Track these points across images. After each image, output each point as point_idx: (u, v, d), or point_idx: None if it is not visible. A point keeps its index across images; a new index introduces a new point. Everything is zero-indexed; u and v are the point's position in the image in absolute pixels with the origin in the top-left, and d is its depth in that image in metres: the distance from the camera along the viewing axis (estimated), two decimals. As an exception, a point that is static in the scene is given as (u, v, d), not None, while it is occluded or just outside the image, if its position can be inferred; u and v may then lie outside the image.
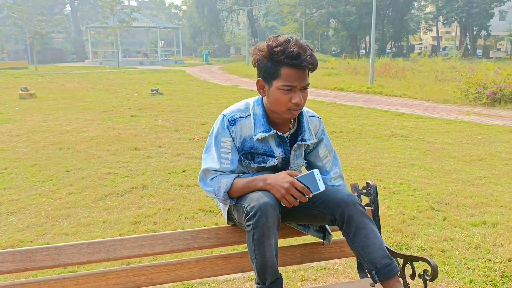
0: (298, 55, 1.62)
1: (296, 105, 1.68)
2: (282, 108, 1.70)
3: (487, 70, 13.01)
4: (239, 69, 26.14)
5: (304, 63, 1.63)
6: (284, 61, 1.63)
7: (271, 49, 1.65)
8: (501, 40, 54.55)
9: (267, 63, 1.68)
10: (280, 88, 1.67)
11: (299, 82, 1.66)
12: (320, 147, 1.95)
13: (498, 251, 3.07)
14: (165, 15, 75.60)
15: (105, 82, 18.83)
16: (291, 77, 1.65)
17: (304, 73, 1.66)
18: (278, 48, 1.64)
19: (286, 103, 1.68)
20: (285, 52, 1.62)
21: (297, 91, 1.67)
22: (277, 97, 1.69)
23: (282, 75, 1.66)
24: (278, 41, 1.66)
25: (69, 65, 38.02)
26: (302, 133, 1.84)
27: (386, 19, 48.49)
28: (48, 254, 1.68)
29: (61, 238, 3.34)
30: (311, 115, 1.92)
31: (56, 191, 4.48)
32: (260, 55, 1.69)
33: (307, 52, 1.64)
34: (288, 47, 1.63)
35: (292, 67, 1.64)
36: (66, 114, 9.75)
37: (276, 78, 1.68)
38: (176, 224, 3.62)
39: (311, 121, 1.90)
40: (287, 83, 1.66)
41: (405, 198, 4.23)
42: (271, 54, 1.65)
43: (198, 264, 1.85)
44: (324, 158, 1.96)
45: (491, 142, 6.88)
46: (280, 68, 1.65)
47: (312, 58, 1.65)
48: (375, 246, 1.68)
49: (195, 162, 5.52)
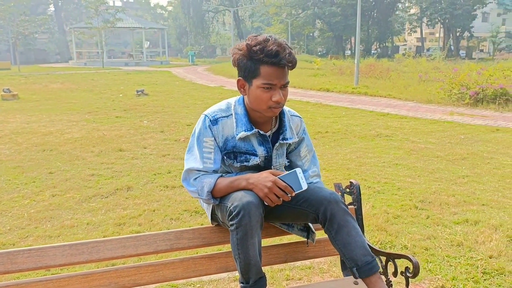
0: (277, 53, 1.64)
1: (277, 103, 1.69)
2: (263, 107, 1.71)
3: (470, 70, 13.19)
4: (225, 69, 26.10)
5: (283, 61, 1.64)
6: (263, 59, 1.65)
7: (250, 48, 1.67)
8: (484, 41, 55.42)
9: (247, 62, 1.69)
10: (260, 86, 1.68)
11: (279, 80, 1.68)
12: (302, 146, 1.97)
13: (479, 249, 3.12)
14: (150, 16, 75.14)
15: (89, 83, 18.65)
16: (270, 75, 1.67)
17: (283, 71, 1.68)
18: (257, 47, 1.65)
19: (267, 101, 1.70)
20: (264, 51, 1.64)
21: (277, 89, 1.69)
22: (258, 96, 1.70)
23: (262, 74, 1.67)
24: (257, 40, 1.67)
25: (53, 65, 37.53)
26: (283, 132, 1.86)
27: (371, 20, 48.96)
28: (30, 256, 1.66)
29: (44, 241, 3.30)
30: (292, 115, 1.93)
31: (39, 193, 4.43)
32: (240, 54, 1.70)
33: (286, 50, 1.66)
34: (267, 45, 1.64)
35: (272, 65, 1.65)
36: (50, 115, 9.63)
37: (256, 77, 1.69)
38: (161, 225, 3.61)
39: (292, 121, 1.92)
40: (267, 81, 1.67)
41: (389, 197, 4.27)
42: (250, 53, 1.67)
43: (182, 265, 1.84)
44: (304, 157, 1.98)
45: (473, 141, 6.99)
46: (259, 66, 1.67)
47: (290, 56, 1.66)
48: (357, 243, 1.69)
49: (180, 163, 5.50)
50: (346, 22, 44.72)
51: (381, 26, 49.02)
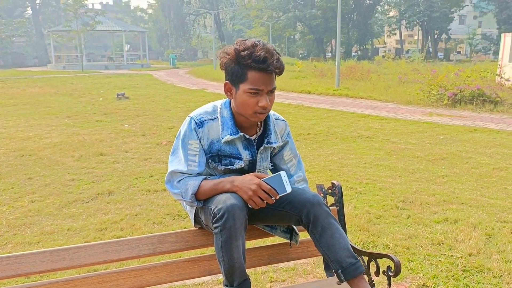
0: (265, 59, 1.64)
1: (263, 108, 1.70)
2: (249, 112, 1.72)
3: (448, 72, 13.46)
4: (207, 72, 26.05)
5: (270, 67, 1.65)
6: (251, 65, 1.65)
7: (238, 53, 1.67)
8: (461, 43, 56.57)
9: (234, 66, 1.70)
10: (247, 91, 1.69)
11: (266, 85, 1.68)
12: (285, 150, 1.98)
13: (459, 247, 3.17)
14: (130, 19, 74.50)
15: (68, 86, 18.38)
16: (258, 80, 1.67)
17: (270, 77, 1.69)
18: (245, 52, 1.66)
19: (253, 106, 1.70)
20: (252, 56, 1.64)
21: (263, 95, 1.69)
22: (244, 100, 1.71)
23: (249, 79, 1.68)
24: (245, 45, 1.68)
25: (30, 69, 36.90)
26: (268, 136, 1.87)
27: (351, 23, 49.49)
28: (8, 263, 1.63)
29: (23, 247, 3.24)
30: (277, 119, 1.95)
31: (18, 199, 4.34)
32: (228, 58, 1.71)
33: (274, 56, 1.67)
34: (255, 51, 1.65)
35: (259, 70, 1.66)
36: (28, 120, 9.46)
37: (243, 82, 1.69)
38: (143, 230, 3.58)
39: (277, 124, 1.93)
40: (254, 86, 1.67)
41: (371, 198, 4.32)
42: (238, 58, 1.67)
43: (165, 269, 1.83)
44: (288, 162, 1.99)
45: (452, 141, 7.11)
46: (247, 71, 1.67)
47: (278, 63, 1.67)
48: (341, 245, 1.71)
49: (162, 167, 5.46)
50: (326, 24, 45.10)
51: (361, 28, 49.61)
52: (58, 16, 55.06)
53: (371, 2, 49.73)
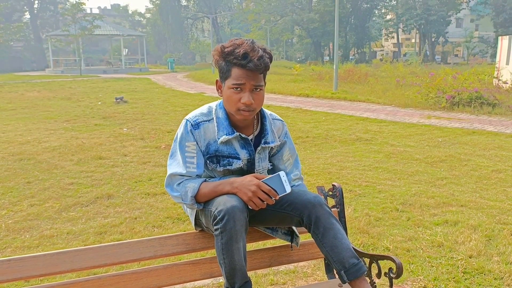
0: (245, 56, 1.66)
1: (246, 105, 1.70)
2: (233, 108, 1.74)
3: (445, 75, 13.50)
4: (205, 76, 26.05)
5: (250, 64, 1.66)
6: (233, 61, 1.69)
7: (223, 49, 1.71)
8: (458, 46, 56.73)
9: (221, 62, 1.73)
10: (231, 87, 1.71)
11: (248, 80, 1.69)
12: (284, 150, 1.99)
13: (459, 249, 3.17)
14: (128, 23, 74.53)
15: (67, 90, 18.36)
16: (239, 76, 1.69)
17: (253, 74, 1.69)
18: (229, 48, 1.69)
19: (236, 102, 1.72)
20: (234, 53, 1.68)
21: (246, 91, 1.71)
22: (228, 96, 1.73)
23: (232, 75, 1.70)
24: (231, 43, 1.71)
25: (29, 74, 36.82)
26: (265, 135, 1.87)
27: (349, 27, 49.57)
28: (9, 266, 1.62)
29: (23, 251, 3.23)
30: (274, 118, 1.95)
31: (16, 203, 4.33)
32: (216, 55, 1.75)
33: (256, 53, 1.67)
34: (238, 47, 1.68)
35: (241, 67, 1.68)
36: (27, 124, 9.45)
37: (228, 78, 1.72)
38: (143, 233, 3.57)
39: (274, 124, 1.93)
40: (235, 81, 1.70)
41: (370, 200, 4.32)
42: (223, 54, 1.71)
43: (166, 272, 1.83)
44: (286, 161, 2.00)
45: (451, 144, 7.12)
46: (231, 68, 1.70)
47: (260, 60, 1.67)
48: (343, 246, 1.71)
49: (161, 170, 5.45)
50: (324, 28, 45.17)
51: (358, 32, 49.70)
52: (56, 20, 55.03)
53: (368, 6, 49.84)
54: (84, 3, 35.47)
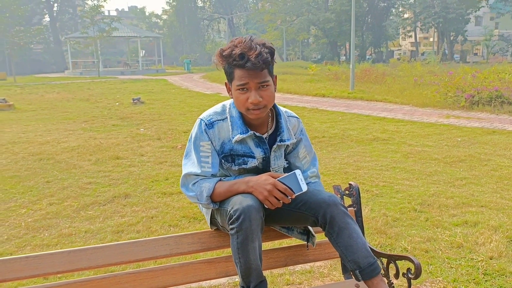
0: (242, 56, 1.64)
1: (254, 104, 1.68)
2: (242, 109, 1.72)
3: (464, 74, 13.28)
4: (221, 77, 26.07)
5: (248, 63, 1.64)
6: (233, 62, 1.67)
7: (222, 53, 1.70)
8: (477, 45, 55.81)
9: (224, 65, 1.72)
10: (237, 88, 1.70)
11: (251, 79, 1.67)
12: (300, 147, 1.96)
13: (480, 250, 3.11)
14: (145, 25, 75.21)
15: (85, 92, 18.62)
16: (242, 76, 1.67)
17: (254, 72, 1.67)
18: (227, 51, 1.68)
19: (244, 102, 1.70)
20: (231, 55, 1.66)
21: (252, 90, 1.68)
22: (236, 97, 1.73)
23: (235, 76, 1.69)
24: (230, 44, 1.69)
25: (48, 75, 37.48)
26: (281, 133, 1.85)
27: (365, 26, 49.20)
28: (27, 263, 1.64)
29: (41, 249, 3.27)
30: (289, 115, 1.92)
31: (36, 202, 4.40)
32: (218, 59, 1.73)
33: (253, 51, 1.64)
34: (234, 48, 1.66)
35: (240, 67, 1.66)
36: (46, 125, 9.60)
37: (233, 79, 1.72)
38: (159, 232, 3.58)
39: (289, 121, 1.91)
40: (240, 82, 1.68)
41: (387, 200, 4.26)
42: (223, 58, 1.70)
43: (182, 270, 1.83)
44: (303, 159, 1.97)
45: (470, 144, 7.00)
46: (233, 69, 1.69)
47: (257, 58, 1.63)
48: (358, 245, 1.68)
49: (178, 170, 5.48)
50: (340, 28, 44.90)
51: (375, 31, 49.28)
52: (75, 23, 55.85)
53: (385, 5, 49.41)
54: (102, 5, 35.97)
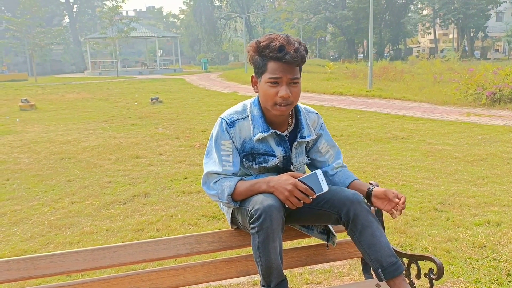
0: (282, 48, 1.65)
1: (283, 98, 1.69)
2: (270, 102, 1.72)
3: (485, 71, 13.02)
4: (238, 76, 26.20)
5: (287, 56, 1.65)
6: (269, 54, 1.67)
7: (258, 44, 1.70)
8: (499, 41, 54.69)
9: (257, 58, 1.72)
10: (268, 81, 1.70)
11: (285, 74, 1.68)
12: (320, 142, 1.96)
13: (502, 250, 3.06)
14: (163, 24, 75.85)
15: (104, 92, 18.88)
16: (276, 69, 1.68)
17: (290, 67, 1.68)
18: (264, 42, 1.69)
19: (273, 96, 1.70)
20: (269, 46, 1.67)
21: (283, 85, 1.69)
22: (265, 91, 1.72)
23: (269, 69, 1.69)
24: (267, 37, 1.71)
25: (68, 76, 38.11)
26: (301, 130, 1.85)
27: (383, 23, 48.65)
28: (52, 261, 1.68)
29: (64, 247, 3.34)
30: (309, 112, 1.93)
31: (58, 201, 4.48)
32: (251, 51, 1.74)
33: (292, 46, 1.66)
34: (273, 41, 1.67)
35: (277, 60, 1.67)
36: (67, 125, 9.77)
37: (264, 72, 1.71)
38: (179, 231, 3.62)
39: (309, 118, 1.91)
40: (272, 75, 1.68)
41: (407, 200, 4.20)
42: (258, 49, 1.70)
43: (203, 268, 1.84)
44: (326, 153, 1.96)
45: (492, 142, 6.88)
46: (267, 62, 1.69)
47: (296, 53, 1.66)
48: (381, 244, 1.68)
49: (196, 169, 5.52)
50: (358, 25, 44.53)
51: (393, 28, 48.70)
52: (94, 23, 56.65)
53: (404, 1, 48.77)
54: (121, 6, 36.39)
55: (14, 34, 33.21)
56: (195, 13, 52.67)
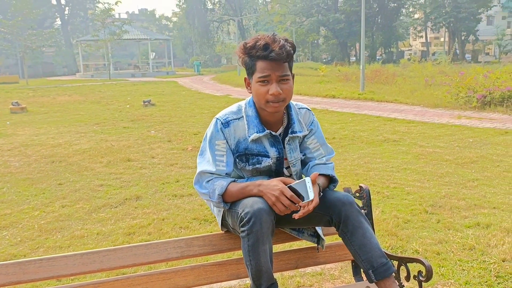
0: (266, 46, 1.67)
1: (274, 96, 1.70)
2: (262, 101, 1.74)
3: (476, 74, 13.15)
4: (231, 78, 26.20)
5: (272, 54, 1.67)
6: (256, 54, 1.70)
7: (245, 45, 1.73)
8: (489, 44, 55.25)
9: (246, 59, 1.75)
10: (258, 80, 1.72)
11: (273, 71, 1.70)
12: (309, 138, 1.96)
13: (492, 252, 3.08)
14: (155, 27, 75.76)
15: (96, 94, 18.79)
16: (264, 68, 1.70)
17: (277, 64, 1.70)
18: (251, 43, 1.71)
19: (264, 95, 1.72)
20: (255, 46, 1.69)
21: (273, 82, 1.71)
22: (256, 90, 1.74)
23: (257, 68, 1.72)
24: (253, 37, 1.73)
25: (60, 78, 37.87)
26: (292, 125, 1.87)
27: (376, 26, 48.98)
28: (41, 266, 1.67)
29: (54, 251, 3.31)
30: (300, 107, 1.95)
31: (49, 204, 4.45)
32: (239, 52, 1.76)
33: (277, 43, 1.68)
34: (258, 40, 1.69)
35: (264, 58, 1.69)
36: (58, 127, 9.71)
37: (254, 72, 1.74)
38: (170, 234, 3.61)
39: (300, 113, 1.93)
40: (261, 74, 1.71)
41: (398, 202, 4.24)
42: (246, 50, 1.73)
43: (193, 272, 1.84)
44: (315, 151, 1.97)
45: (482, 144, 6.94)
46: (255, 62, 1.72)
47: (282, 49, 1.67)
48: (372, 245, 1.69)
49: (188, 172, 5.51)
50: (350, 28, 44.79)
51: (385, 31, 49.03)
52: (86, 26, 56.46)
53: (395, 5, 49.13)
54: (113, 9, 36.30)
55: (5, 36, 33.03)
56: (188, 15, 52.69)
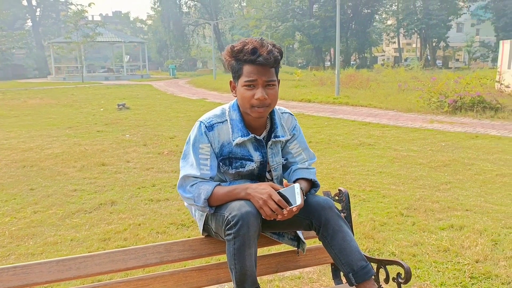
0: (254, 51, 1.67)
1: (259, 101, 1.70)
2: (247, 105, 1.74)
3: (447, 79, 13.48)
4: (207, 82, 26.12)
5: (260, 58, 1.67)
6: (243, 58, 1.70)
7: (233, 49, 1.73)
8: (459, 51, 56.75)
9: (233, 62, 1.75)
10: (244, 85, 1.72)
11: (260, 76, 1.70)
12: (292, 143, 1.97)
13: (466, 253, 3.15)
14: (130, 30, 74.91)
15: (69, 97, 18.41)
16: (251, 72, 1.70)
17: (264, 69, 1.70)
18: (238, 46, 1.71)
19: (250, 99, 1.72)
20: (243, 50, 1.69)
21: (259, 87, 1.71)
22: (242, 94, 1.74)
23: (244, 72, 1.71)
24: (241, 41, 1.73)
25: (31, 81, 36.98)
26: (275, 129, 1.87)
27: (350, 32, 49.70)
28: (15, 273, 1.62)
29: (26, 258, 3.22)
30: (283, 112, 1.96)
31: (20, 210, 4.32)
32: (226, 55, 1.76)
33: (265, 48, 1.68)
34: (246, 44, 1.69)
35: (251, 63, 1.69)
36: (29, 131, 9.46)
37: (240, 76, 1.73)
38: (147, 239, 3.55)
39: (283, 118, 1.94)
40: (248, 78, 1.71)
41: (375, 205, 4.30)
42: (233, 53, 1.73)
43: (173, 278, 1.82)
44: (297, 155, 1.97)
45: (454, 148, 7.10)
46: (242, 66, 1.72)
47: (269, 54, 1.68)
48: (352, 248, 1.70)
49: (164, 176, 5.45)
50: (325, 34, 45.30)
51: (359, 37, 49.82)
52: (58, 28, 55.32)
53: (369, 11, 49.99)
54: (86, 10, 35.74)
55: (-27, 37, 32.05)
56: (163, 18, 52.26)
